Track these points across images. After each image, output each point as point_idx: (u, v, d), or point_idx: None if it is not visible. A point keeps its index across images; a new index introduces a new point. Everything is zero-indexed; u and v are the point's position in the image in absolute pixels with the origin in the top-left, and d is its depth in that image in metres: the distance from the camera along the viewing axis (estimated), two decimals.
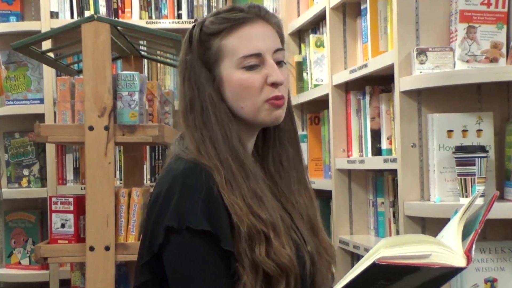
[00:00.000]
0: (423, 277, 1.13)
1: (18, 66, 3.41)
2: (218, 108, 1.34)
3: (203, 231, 1.23)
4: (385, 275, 1.11)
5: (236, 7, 1.37)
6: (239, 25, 1.35)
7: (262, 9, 1.39)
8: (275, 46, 1.36)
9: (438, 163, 1.98)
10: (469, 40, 1.99)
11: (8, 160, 3.41)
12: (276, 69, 1.34)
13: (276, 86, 1.34)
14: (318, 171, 3.03)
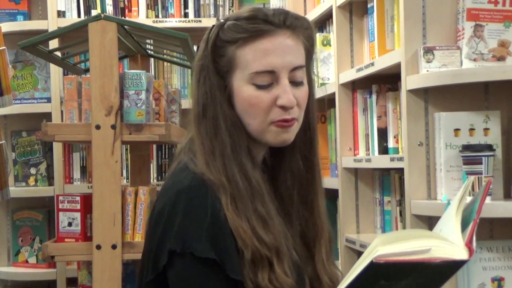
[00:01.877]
0: (425, 274, 1.08)
1: (25, 65, 3.42)
2: (228, 118, 1.28)
3: (207, 258, 1.18)
4: (385, 274, 1.06)
5: (258, 15, 1.27)
6: (256, 37, 1.26)
7: (289, 17, 1.28)
8: (293, 63, 1.27)
9: (445, 161, 1.98)
10: (476, 38, 1.99)
11: (15, 159, 3.42)
12: (288, 91, 1.25)
13: (286, 109, 1.26)
14: (324, 169, 3.03)
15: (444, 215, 1.17)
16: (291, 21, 1.28)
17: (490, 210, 1.85)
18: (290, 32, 1.28)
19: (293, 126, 1.28)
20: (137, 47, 2.61)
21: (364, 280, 1.06)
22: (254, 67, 1.26)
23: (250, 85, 1.27)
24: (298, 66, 1.28)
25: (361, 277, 1.05)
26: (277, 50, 1.26)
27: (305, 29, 1.31)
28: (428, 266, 1.04)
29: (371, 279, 1.06)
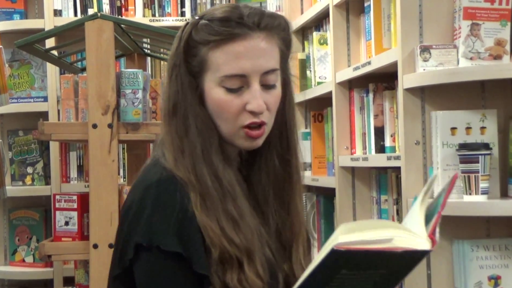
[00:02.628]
0: (387, 265, 1.07)
1: (22, 64, 3.41)
2: (199, 117, 1.27)
3: (174, 252, 1.18)
4: (347, 263, 1.04)
5: (232, 17, 1.25)
6: (228, 40, 1.24)
7: (264, 18, 1.26)
8: (265, 67, 1.25)
9: (442, 160, 1.98)
10: (473, 37, 1.99)
11: (12, 158, 3.42)
12: (257, 96, 1.24)
13: (256, 114, 1.26)
14: (321, 168, 3.03)
15: (410, 209, 1.17)
16: (266, 23, 1.26)
17: (486, 209, 1.86)
18: (265, 35, 1.26)
19: (262, 134, 1.28)
20: (134, 46, 2.61)
21: (326, 269, 1.05)
22: (225, 71, 1.25)
23: (220, 88, 1.26)
24: (270, 70, 1.26)
25: (322, 265, 1.04)
26: (249, 54, 1.24)
27: (281, 30, 1.30)
28: (390, 256, 1.03)
29: (333, 268, 1.05)
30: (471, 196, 1.89)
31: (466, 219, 1.99)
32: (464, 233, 2.01)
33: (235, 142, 1.29)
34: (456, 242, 2.00)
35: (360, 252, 1.02)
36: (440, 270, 2.01)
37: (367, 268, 1.05)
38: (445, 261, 2.01)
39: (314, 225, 3.05)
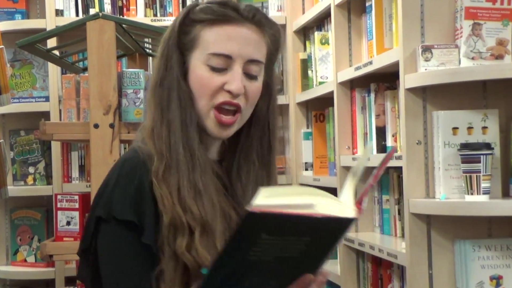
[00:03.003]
0: (309, 232, 1.03)
1: (24, 64, 3.41)
2: (182, 92, 1.31)
3: (128, 221, 1.23)
4: (265, 227, 1.02)
5: (230, 3, 1.32)
6: (223, 21, 1.30)
7: (258, 14, 1.33)
8: (251, 55, 1.30)
9: (443, 160, 1.98)
10: (475, 37, 1.99)
11: (13, 158, 3.42)
12: (238, 78, 1.28)
13: (233, 96, 1.29)
14: (323, 168, 3.03)
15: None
16: (259, 18, 1.32)
17: (488, 209, 1.86)
18: (256, 27, 1.32)
19: (234, 122, 1.31)
20: (136, 46, 2.61)
21: (245, 233, 1.03)
22: (213, 49, 1.30)
23: (205, 66, 1.31)
24: (255, 60, 1.31)
25: (241, 229, 1.02)
26: (239, 39, 1.30)
27: (272, 32, 1.34)
28: (311, 221, 1.01)
29: (251, 231, 1.03)
30: (472, 196, 1.89)
31: (467, 219, 1.99)
32: (465, 233, 2.01)
33: (206, 126, 1.31)
34: (457, 242, 2.00)
35: (276, 215, 1.00)
36: (441, 270, 2.01)
37: (289, 234, 1.02)
38: (447, 261, 2.01)
39: None
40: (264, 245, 1.03)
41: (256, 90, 1.33)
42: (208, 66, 1.30)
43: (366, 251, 2.41)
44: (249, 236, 1.03)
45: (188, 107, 1.31)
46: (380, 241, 2.35)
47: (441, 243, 2.02)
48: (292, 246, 1.04)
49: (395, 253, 2.13)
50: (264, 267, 1.06)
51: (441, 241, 2.02)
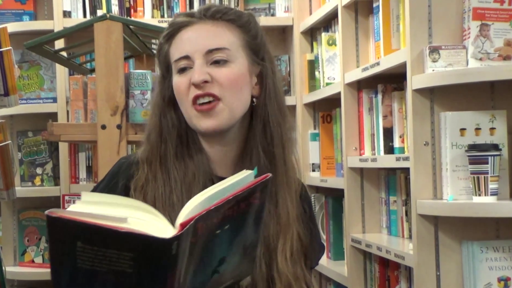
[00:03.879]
0: (124, 247, 0.97)
1: (31, 65, 3.42)
2: (166, 116, 1.37)
3: None
4: (77, 236, 0.96)
5: (184, 13, 1.37)
6: (177, 30, 1.35)
7: (212, 10, 1.35)
8: (208, 46, 1.32)
9: (451, 161, 1.97)
10: (482, 38, 1.98)
11: (21, 159, 3.43)
12: (197, 69, 1.31)
13: (199, 86, 1.31)
14: (330, 169, 3.03)
15: None
16: (213, 12, 1.34)
17: (496, 210, 1.85)
18: (211, 21, 1.34)
19: (213, 108, 1.31)
20: (143, 47, 2.61)
21: (55, 237, 0.98)
22: (175, 56, 1.35)
23: (176, 74, 1.35)
24: (215, 48, 1.32)
25: (48, 232, 0.97)
26: (192, 37, 1.33)
27: (239, 19, 1.36)
28: (114, 234, 0.95)
29: (64, 238, 0.98)
30: (480, 197, 1.88)
31: (475, 220, 1.99)
32: (473, 234, 2.01)
33: (196, 127, 1.33)
34: (465, 243, 1.99)
35: (74, 222, 0.95)
36: (449, 271, 2.01)
37: (103, 245, 0.97)
38: (455, 262, 2.01)
39: (323, 226, 3.05)
40: (87, 254, 0.98)
41: (228, 73, 1.32)
42: (177, 72, 1.35)
43: (373, 252, 2.41)
44: (64, 242, 0.98)
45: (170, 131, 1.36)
46: (388, 242, 2.35)
47: (449, 244, 2.01)
48: (118, 260, 0.98)
49: (403, 254, 2.12)
50: (107, 279, 1.00)
51: (448, 242, 2.01)
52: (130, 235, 0.95)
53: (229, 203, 1.06)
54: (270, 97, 1.37)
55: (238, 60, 1.34)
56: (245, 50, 1.36)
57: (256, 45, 1.37)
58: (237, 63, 1.34)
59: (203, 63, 1.32)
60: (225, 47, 1.33)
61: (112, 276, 0.99)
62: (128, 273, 0.99)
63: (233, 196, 1.06)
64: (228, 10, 1.36)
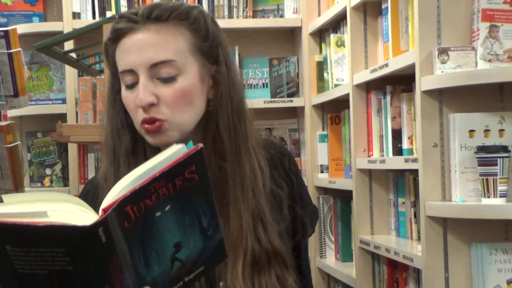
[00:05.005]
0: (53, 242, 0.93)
1: (41, 67, 3.44)
2: (113, 120, 1.29)
3: None
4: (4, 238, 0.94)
5: (128, 13, 1.24)
6: (121, 36, 1.23)
7: (157, 10, 1.22)
8: (152, 59, 1.20)
9: (460, 163, 1.97)
10: (492, 39, 1.98)
11: (30, 160, 3.44)
12: (141, 90, 1.20)
13: (145, 110, 1.21)
14: (338, 171, 3.03)
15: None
16: (158, 14, 1.22)
17: (505, 212, 1.84)
18: (156, 26, 1.22)
19: (160, 128, 1.22)
20: None
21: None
22: (119, 66, 1.25)
23: (123, 85, 1.26)
24: (159, 62, 1.21)
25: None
26: (135, 47, 1.22)
27: (185, 21, 1.24)
28: (34, 230, 0.92)
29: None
30: (489, 199, 1.88)
31: (484, 222, 1.98)
32: (482, 236, 2.00)
33: (146, 139, 1.26)
34: (474, 245, 1.98)
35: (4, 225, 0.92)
36: (458, 273, 2.00)
37: (31, 245, 0.94)
38: (463, 264, 2.00)
39: (331, 228, 3.04)
40: (21, 257, 0.95)
41: (175, 93, 1.22)
42: (124, 85, 1.25)
43: (381, 254, 2.41)
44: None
45: (118, 136, 1.28)
46: (396, 244, 2.34)
47: (458, 246, 2.01)
48: (53, 257, 0.95)
49: (411, 256, 2.12)
50: (52, 282, 0.98)
51: (457, 244, 2.01)
52: (50, 228, 0.92)
53: (158, 180, 0.99)
54: (223, 102, 1.27)
55: (188, 69, 1.23)
56: (195, 55, 1.25)
57: (208, 47, 1.26)
58: (186, 75, 1.23)
59: (148, 79, 1.21)
60: (171, 59, 1.21)
61: (55, 278, 0.96)
62: (69, 271, 0.96)
63: (161, 173, 0.99)
64: (174, 9, 1.23)
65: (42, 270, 0.96)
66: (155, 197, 1.00)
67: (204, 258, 1.09)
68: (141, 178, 0.99)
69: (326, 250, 3.08)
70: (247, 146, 1.29)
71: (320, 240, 3.09)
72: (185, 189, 1.04)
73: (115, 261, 0.97)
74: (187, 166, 1.03)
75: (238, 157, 1.27)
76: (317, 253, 3.10)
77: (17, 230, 0.93)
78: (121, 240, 0.97)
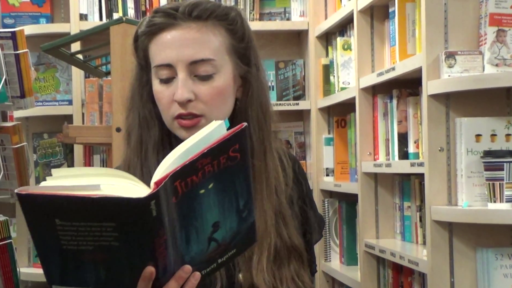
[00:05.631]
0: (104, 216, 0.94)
1: (48, 68, 3.44)
2: (142, 111, 1.30)
3: None
4: (53, 212, 0.94)
5: (167, 8, 1.26)
6: (160, 29, 1.25)
7: (198, 10, 1.25)
8: (192, 57, 1.24)
9: (466, 167, 1.96)
10: (499, 43, 1.97)
11: (36, 161, 3.45)
12: (181, 86, 1.23)
13: (182, 105, 1.25)
14: (344, 174, 3.02)
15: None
16: (199, 13, 1.25)
17: (511, 217, 1.84)
18: (196, 24, 1.25)
19: (196, 124, 1.25)
20: None
21: (35, 219, 0.95)
22: (156, 61, 1.27)
23: (156, 80, 1.28)
24: (199, 60, 1.24)
25: (24, 213, 0.95)
26: (175, 43, 1.24)
27: (224, 22, 1.27)
28: (88, 203, 0.92)
29: (41, 218, 0.95)
30: (495, 204, 1.87)
31: (490, 227, 1.98)
32: (488, 241, 1.99)
33: (176, 133, 1.28)
34: (480, 250, 1.98)
35: (46, 196, 0.92)
36: (463, 278, 1.99)
37: (81, 219, 0.94)
38: (469, 269, 1.99)
39: (336, 231, 3.04)
40: (68, 232, 0.95)
41: (212, 91, 1.26)
42: (158, 79, 1.27)
43: (387, 258, 2.40)
44: (42, 223, 0.95)
45: (148, 127, 1.30)
46: (401, 248, 2.34)
47: (463, 251, 2.00)
48: (101, 232, 0.95)
49: (417, 260, 2.11)
50: (95, 258, 0.98)
51: (463, 249, 2.00)
52: (104, 200, 0.92)
53: (205, 156, 1.00)
54: (253, 102, 1.32)
55: (223, 68, 1.27)
56: (231, 55, 1.29)
57: (242, 49, 1.31)
58: (222, 74, 1.27)
59: (187, 76, 1.25)
60: (211, 57, 1.25)
61: (100, 254, 0.96)
62: (115, 247, 0.96)
63: (209, 149, 1.00)
64: (214, 9, 1.26)
65: (88, 246, 0.96)
66: (201, 173, 1.01)
67: (237, 240, 1.10)
68: (187, 153, 1.00)
69: (331, 254, 3.07)
70: (271, 145, 1.33)
71: (325, 244, 3.08)
72: (227, 167, 1.04)
73: (161, 237, 0.96)
74: (231, 144, 1.04)
75: (264, 155, 1.30)
76: (322, 256, 3.10)
77: (70, 203, 0.93)
78: (169, 216, 0.97)
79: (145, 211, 0.94)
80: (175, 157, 1.00)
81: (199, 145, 1.02)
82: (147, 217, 0.94)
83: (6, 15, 3.43)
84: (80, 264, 0.98)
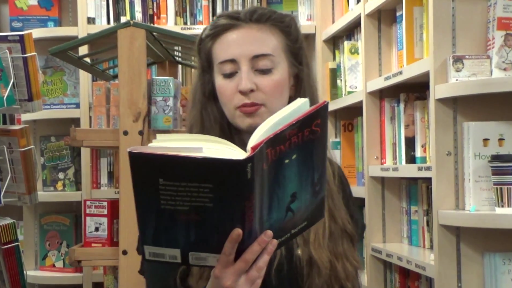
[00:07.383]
0: (204, 177, 1.01)
1: (55, 71, 3.45)
2: (204, 110, 1.41)
3: None
4: (158, 172, 1.01)
5: (230, 13, 1.41)
6: (223, 31, 1.39)
7: (257, 13, 1.39)
8: (254, 52, 1.37)
9: (474, 171, 1.96)
10: (507, 47, 1.97)
11: (43, 164, 3.46)
12: (244, 77, 1.36)
13: (245, 94, 1.36)
14: (351, 178, 3.02)
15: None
16: (259, 16, 1.39)
17: None
18: (257, 25, 1.39)
19: (257, 111, 1.37)
20: (166, 54, 2.63)
21: (138, 177, 1.03)
22: (219, 58, 1.39)
23: (219, 75, 1.39)
24: (260, 55, 1.37)
25: (132, 173, 1.02)
26: (239, 41, 1.37)
27: (280, 24, 1.40)
28: (193, 163, 1.00)
29: (145, 175, 1.03)
30: (503, 208, 1.86)
31: (498, 232, 1.97)
32: (495, 246, 1.99)
33: (238, 125, 1.39)
34: (487, 254, 1.97)
35: (156, 156, 1.01)
36: (471, 283, 1.99)
37: (183, 179, 1.02)
38: (476, 274, 1.99)
39: None
40: (168, 192, 1.03)
41: (271, 82, 1.38)
42: (222, 75, 1.39)
43: (394, 262, 2.39)
44: (146, 182, 1.03)
45: (210, 125, 1.41)
46: (408, 253, 2.33)
47: (471, 255, 2.00)
48: (198, 193, 1.03)
49: (424, 265, 2.11)
50: (189, 219, 1.05)
51: (470, 253, 2.00)
52: (206, 161, 1.00)
53: (293, 127, 1.08)
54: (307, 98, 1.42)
55: (280, 65, 1.39)
56: (286, 54, 1.41)
57: (296, 49, 1.43)
58: (279, 69, 1.39)
59: (249, 69, 1.37)
60: (270, 53, 1.38)
61: (194, 214, 1.03)
62: (208, 208, 1.03)
63: (297, 120, 1.08)
64: (271, 14, 1.41)
65: (184, 207, 1.03)
66: (288, 144, 1.09)
67: (308, 213, 1.16)
68: (276, 125, 1.08)
69: None
70: None
71: None
72: (309, 140, 1.12)
73: (251, 201, 1.04)
74: (314, 118, 1.11)
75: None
76: None
77: (176, 163, 1.01)
78: (260, 180, 1.04)
79: (241, 173, 1.01)
80: (266, 128, 1.08)
81: (286, 118, 1.10)
82: (243, 179, 1.02)
83: (14, 19, 3.44)
84: (173, 225, 1.05)
